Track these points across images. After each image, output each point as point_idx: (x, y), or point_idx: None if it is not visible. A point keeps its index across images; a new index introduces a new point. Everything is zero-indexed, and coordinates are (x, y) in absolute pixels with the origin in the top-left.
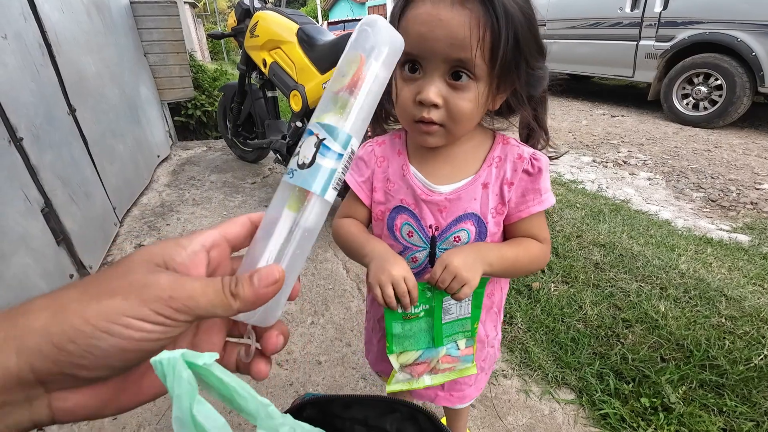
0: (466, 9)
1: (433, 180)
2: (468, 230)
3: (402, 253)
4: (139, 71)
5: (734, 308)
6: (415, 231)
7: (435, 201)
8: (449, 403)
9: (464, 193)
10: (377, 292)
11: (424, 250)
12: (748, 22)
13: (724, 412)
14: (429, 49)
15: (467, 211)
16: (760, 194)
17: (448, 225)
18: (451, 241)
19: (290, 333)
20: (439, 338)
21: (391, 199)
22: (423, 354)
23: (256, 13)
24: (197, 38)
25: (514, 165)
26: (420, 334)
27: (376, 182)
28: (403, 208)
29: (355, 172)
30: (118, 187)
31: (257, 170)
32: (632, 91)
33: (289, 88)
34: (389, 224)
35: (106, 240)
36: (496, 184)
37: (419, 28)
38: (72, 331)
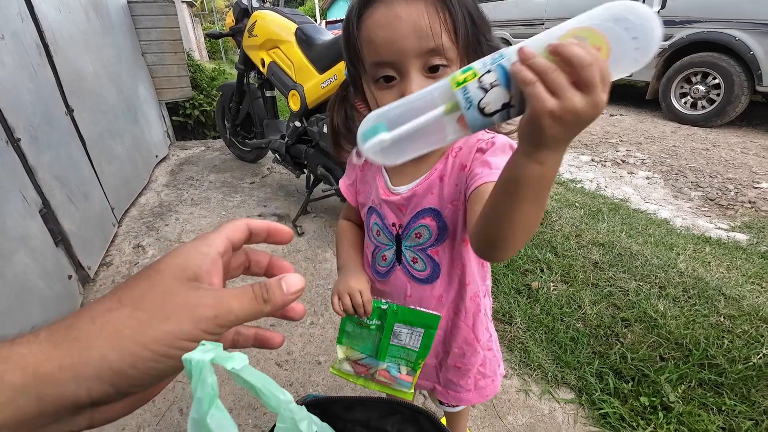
0: (420, 3)
1: (397, 180)
2: (428, 225)
3: (375, 251)
4: (137, 71)
5: (733, 307)
6: (381, 230)
7: (394, 201)
8: (445, 399)
9: (419, 188)
10: (335, 300)
11: (391, 248)
12: (746, 21)
13: (723, 411)
14: (399, 50)
15: (425, 207)
16: (758, 193)
17: (408, 222)
18: (413, 237)
19: (290, 333)
20: (382, 354)
21: (367, 201)
22: (366, 358)
23: (254, 13)
24: (195, 37)
25: (469, 149)
26: (367, 341)
27: (359, 185)
28: (372, 208)
29: (345, 176)
30: (117, 188)
31: (256, 170)
32: (630, 90)
33: (287, 87)
34: (366, 224)
35: (104, 240)
36: (453, 172)
37: (382, 33)
38: (131, 358)
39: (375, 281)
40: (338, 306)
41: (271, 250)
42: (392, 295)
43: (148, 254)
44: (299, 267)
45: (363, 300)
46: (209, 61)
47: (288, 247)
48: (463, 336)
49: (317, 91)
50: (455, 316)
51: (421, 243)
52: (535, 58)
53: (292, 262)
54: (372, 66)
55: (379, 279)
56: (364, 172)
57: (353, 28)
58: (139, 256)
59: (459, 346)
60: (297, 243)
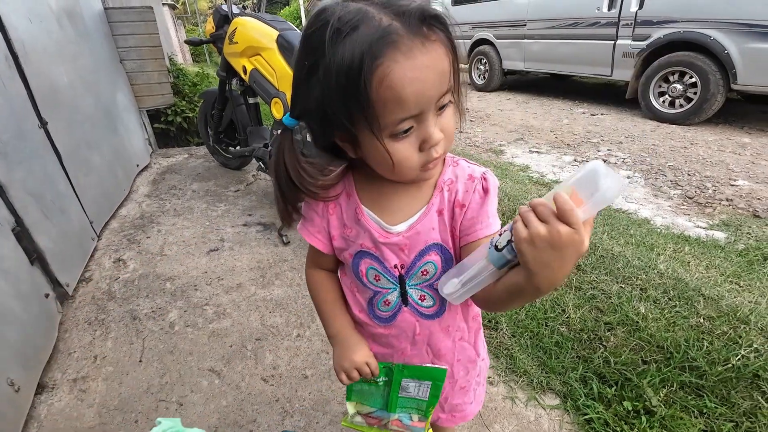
0: (436, 42)
1: (389, 219)
2: (434, 261)
3: (373, 298)
4: (115, 79)
5: (712, 308)
6: (381, 274)
7: (394, 242)
8: (452, 423)
9: (421, 226)
10: (342, 377)
11: (395, 291)
12: (720, 21)
13: (705, 414)
14: (427, 101)
15: (429, 243)
16: (735, 190)
17: (412, 261)
18: (420, 276)
19: (276, 347)
20: (393, 407)
21: (351, 245)
22: (377, 411)
23: (235, 20)
24: (177, 40)
25: (465, 186)
26: (376, 396)
27: (332, 230)
28: (364, 252)
29: (307, 222)
30: (96, 200)
31: (240, 177)
32: (611, 89)
33: (270, 95)
34: (354, 270)
35: (83, 256)
36: (449, 207)
37: (411, 89)
38: None
39: (374, 326)
40: (346, 381)
41: (256, 261)
42: (398, 337)
43: (129, 268)
44: (285, 277)
45: (371, 369)
46: (193, 65)
47: (274, 256)
48: (467, 356)
49: None
50: (460, 339)
51: (428, 279)
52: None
53: (278, 272)
54: (394, 123)
55: (382, 324)
56: (337, 215)
57: (363, 87)
58: (119, 270)
59: (464, 367)
60: (283, 253)
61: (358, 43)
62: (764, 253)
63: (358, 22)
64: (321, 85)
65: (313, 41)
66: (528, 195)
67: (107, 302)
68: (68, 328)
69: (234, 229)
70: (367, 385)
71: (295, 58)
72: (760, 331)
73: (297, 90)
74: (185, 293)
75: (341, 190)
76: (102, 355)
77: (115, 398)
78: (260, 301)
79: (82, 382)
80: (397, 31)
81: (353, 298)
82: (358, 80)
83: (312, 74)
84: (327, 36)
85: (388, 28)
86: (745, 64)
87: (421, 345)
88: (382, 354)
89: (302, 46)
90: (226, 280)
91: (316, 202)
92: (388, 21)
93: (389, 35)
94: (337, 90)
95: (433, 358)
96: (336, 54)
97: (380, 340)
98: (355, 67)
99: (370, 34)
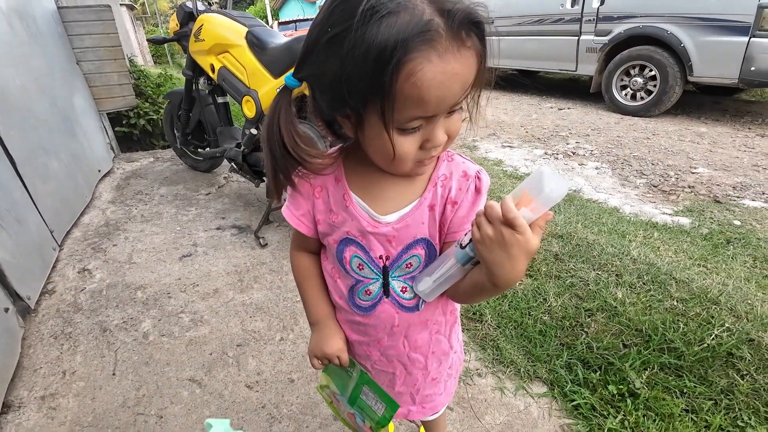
0: (470, 49)
1: (379, 209)
2: (419, 255)
3: (355, 286)
4: (71, 81)
5: (684, 290)
6: (365, 263)
7: (383, 232)
8: (422, 415)
9: (411, 219)
10: (314, 362)
11: (377, 282)
12: (676, 15)
13: (685, 394)
14: (445, 105)
15: (417, 237)
16: (696, 178)
17: (398, 254)
18: (404, 268)
19: (259, 352)
20: (352, 401)
21: (336, 231)
22: (340, 395)
23: (200, 16)
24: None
25: (459, 183)
26: (344, 382)
27: (317, 214)
28: (350, 240)
29: (292, 205)
30: (55, 208)
31: (211, 180)
32: (576, 84)
33: (240, 93)
34: (338, 257)
35: (44, 266)
36: (441, 203)
37: (436, 92)
38: None
39: (352, 314)
40: (318, 366)
41: (232, 265)
42: (376, 327)
43: (95, 278)
44: (264, 280)
45: (341, 362)
46: (154, 66)
47: (252, 259)
48: (441, 348)
49: (273, 96)
50: (437, 333)
51: (411, 272)
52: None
53: (256, 275)
54: (407, 119)
55: (360, 313)
56: (324, 199)
57: (390, 77)
58: (85, 281)
59: (437, 359)
60: (261, 255)
61: (395, 30)
62: (727, 236)
63: (399, 7)
64: (342, 59)
65: (343, 8)
66: (503, 188)
67: (73, 314)
68: (32, 344)
69: (207, 233)
70: (341, 369)
71: (317, 19)
72: (730, 311)
73: (310, 52)
74: (158, 302)
75: (332, 171)
76: (71, 370)
77: (88, 414)
78: (239, 306)
79: (51, 399)
80: (438, 29)
81: (333, 284)
82: (385, 68)
83: (333, 44)
84: (361, 9)
85: (430, 23)
86: (700, 57)
87: (398, 336)
88: (358, 341)
89: (329, 8)
90: (202, 286)
91: (302, 183)
92: (431, 15)
93: (429, 32)
94: (359, 71)
95: (409, 350)
96: (368, 34)
97: (357, 327)
98: (386, 55)
99: (410, 24)
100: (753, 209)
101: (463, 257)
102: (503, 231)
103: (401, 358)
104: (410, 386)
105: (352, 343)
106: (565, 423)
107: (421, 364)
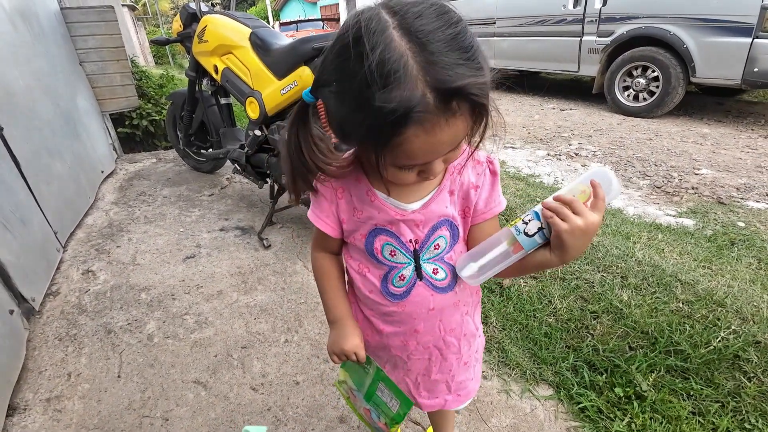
0: (461, 117)
1: (403, 199)
2: (444, 236)
3: (388, 274)
4: (75, 82)
5: (689, 293)
6: (397, 249)
7: (410, 218)
8: (458, 404)
9: (435, 204)
10: (334, 358)
11: (410, 266)
12: (679, 16)
13: (692, 396)
14: (437, 157)
15: (441, 218)
16: (699, 179)
17: (426, 236)
18: (432, 250)
19: (263, 354)
20: (368, 397)
21: (362, 226)
22: (357, 391)
23: (204, 17)
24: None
25: (475, 170)
26: (361, 378)
27: (341, 214)
28: (379, 229)
29: (316, 207)
30: (59, 210)
31: (214, 181)
32: (578, 85)
33: (244, 94)
34: (368, 249)
35: (48, 268)
36: (462, 189)
37: (422, 156)
38: None
39: (386, 304)
40: (337, 361)
41: (236, 267)
42: (411, 314)
43: (99, 279)
44: (268, 282)
45: (358, 358)
46: (156, 67)
47: (256, 261)
48: (470, 330)
49: (277, 97)
50: (466, 314)
51: (440, 253)
52: (550, 203)
53: (260, 277)
54: (401, 165)
55: (395, 301)
56: (346, 199)
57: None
58: (89, 282)
59: (467, 342)
60: (265, 256)
61: (387, 105)
62: (731, 237)
63: (397, 81)
64: (345, 113)
65: (346, 65)
66: (506, 189)
67: (78, 316)
68: (37, 346)
69: (210, 234)
70: (358, 366)
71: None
72: (736, 313)
73: (323, 78)
74: (162, 303)
75: (351, 173)
76: (76, 372)
77: (94, 417)
78: (243, 307)
79: (57, 402)
80: (427, 109)
81: (363, 279)
82: (379, 132)
83: (339, 96)
84: (359, 76)
85: (420, 102)
86: (702, 58)
87: (434, 320)
88: (394, 332)
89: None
90: (206, 288)
91: (324, 188)
92: (422, 91)
93: (417, 113)
94: (359, 129)
95: (444, 334)
96: (366, 103)
97: (392, 318)
98: (377, 128)
99: (402, 101)
100: (757, 210)
101: (531, 244)
102: (593, 219)
103: (437, 342)
104: (446, 373)
105: (387, 335)
106: (572, 426)
107: (455, 348)
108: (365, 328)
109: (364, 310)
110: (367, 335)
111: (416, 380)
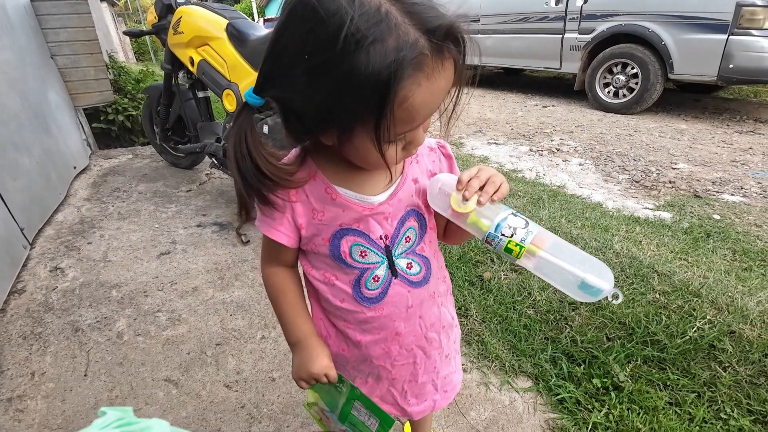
0: (450, 60)
1: (368, 192)
2: (413, 227)
3: (360, 277)
4: (45, 75)
5: (666, 283)
6: (367, 249)
7: (379, 211)
8: (447, 401)
9: (401, 191)
10: (302, 384)
11: (383, 264)
12: (657, 14)
13: (668, 386)
14: (430, 116)
15: (408, 209)
16: (677, 173)
17: (396, 229)
18: (404, 243)
19: (239, 351)
20: (343, 417)
21: (325, 229)
22: (330, 412)
23: (179, 8)
24: (119, 38)
25: (430, 157)
26: (333, 398)
27: (298, 219)
28: (345, 230)
29: (267, 216)
30: (26, 205)
31: (192, 176)
32: (560, 82)
33: (221, 87)
34: (334, 253)
35: (13, 265)
36: (423, 176)
37: (427, 110)
38: None
39: (361, 311)
40: (305, 387)
41: (212, 263)
42: (390, 316)
43: (68, 277)
44: (246, 278)
45: (330, 380)
46: (136, 63)
47: (234, 257)
48: (447, 321)
49: None
50: (441, 305)
51: (411, 246)
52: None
53: (237, 273)
54: (398, 134)
55: (371, 305)
56: (302, 201)
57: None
58: (57, 279)
59: (446, 333)
60: (243, 252)
61: (383, 58)
62: (707, 230)
63: (382, 33)
64: (329, 90)
65: (320, 34)
66: None
67: (44, 314)
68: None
69: (187, 230)
70: (329, 385)
71: (285, 38)
72: (711, 304)
73: (280, 75)
74: (134, 300)
75: (306, 174)
76: (40, 371)
77: (57, 416)
78: (219, 304)
79: (19, 402)
80: (423, 51)
81: (331, 288)
82: (379, 98)
83: (316, 74)
84: (342, 37)
85: (415, 46)
86: (680, 55)
87: (414, 318)
88: (373, 341)
89: (300, 30)
90: (180, 284)
91: (275, 193)
92: (415, 36)
93: (416, 56)
94: (350, 101)
95: (426, 330)
96: (356, 64)
97: (370, 326)
98: (380, 86)
99: (396, 50)
100: (732, 204)
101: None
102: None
103: (419, 341)
104: (431, 371)
105: (366, 345)
106: (550, 417)
107: (436, 343)
108: (340, 342)
109: (336, 322)
110: (342, 350)
111: (402, 389)
